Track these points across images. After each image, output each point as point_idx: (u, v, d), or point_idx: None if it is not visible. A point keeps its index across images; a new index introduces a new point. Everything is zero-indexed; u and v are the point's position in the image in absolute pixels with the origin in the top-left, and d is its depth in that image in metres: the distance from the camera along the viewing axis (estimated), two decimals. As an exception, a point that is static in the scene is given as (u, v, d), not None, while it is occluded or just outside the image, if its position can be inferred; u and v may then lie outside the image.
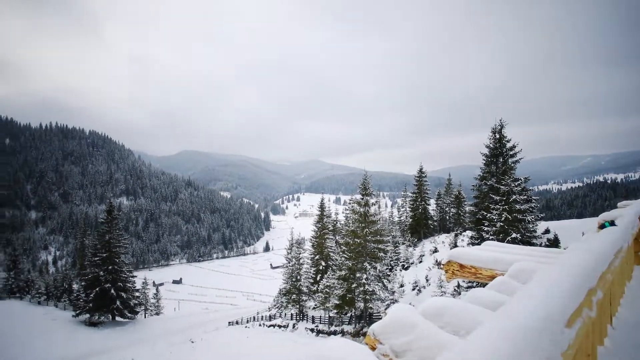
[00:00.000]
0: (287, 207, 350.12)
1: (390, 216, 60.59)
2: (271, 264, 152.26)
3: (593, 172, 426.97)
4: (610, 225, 5.32)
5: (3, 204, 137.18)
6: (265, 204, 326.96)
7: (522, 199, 21.49)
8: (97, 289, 33.09)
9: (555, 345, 1.03)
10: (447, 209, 48.76)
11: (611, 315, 3.13)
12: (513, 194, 21.45)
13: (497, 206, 21.57)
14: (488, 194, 23.88)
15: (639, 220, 5.66)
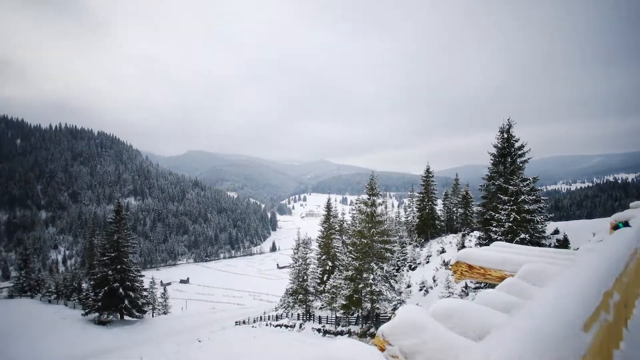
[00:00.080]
0: (294, 207, 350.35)
1: (397, 216, 60.26)
2: (278, 264, 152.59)
3: (603, 172, 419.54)
4: (624, 226, 5.23)
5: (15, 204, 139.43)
6: (271, 204, 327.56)
7: (531, 199, 21.21)
8: (106, 288, 33.38)
9: (574, 350, 0.99)
10: (455, 209, 48.35)
11: (626, 318, 3.06)
12: (522, 194, 21.18)
13: (506, 206, 21.33)
14: (496, 194, 23.66)
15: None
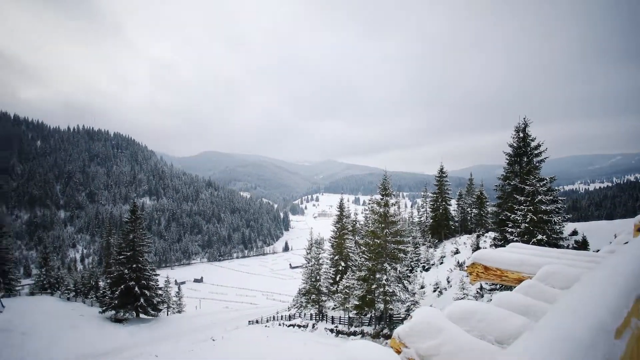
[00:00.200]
0: (306, 207, 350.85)
1: (410, 216, 59.70)
2: (290, 264, 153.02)
3: (623, 172, 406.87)
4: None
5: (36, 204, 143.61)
6: (284, 204, 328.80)
7: (548, 200, 20.72)
8: (122, 287, 33.97)
9: (607, 358, 0.94)
10: (469, 210, 47.65)
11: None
12: (538, 194, 20.72)
13: (522, 207, 20.89)
14: (512, 194, 23.22)
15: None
